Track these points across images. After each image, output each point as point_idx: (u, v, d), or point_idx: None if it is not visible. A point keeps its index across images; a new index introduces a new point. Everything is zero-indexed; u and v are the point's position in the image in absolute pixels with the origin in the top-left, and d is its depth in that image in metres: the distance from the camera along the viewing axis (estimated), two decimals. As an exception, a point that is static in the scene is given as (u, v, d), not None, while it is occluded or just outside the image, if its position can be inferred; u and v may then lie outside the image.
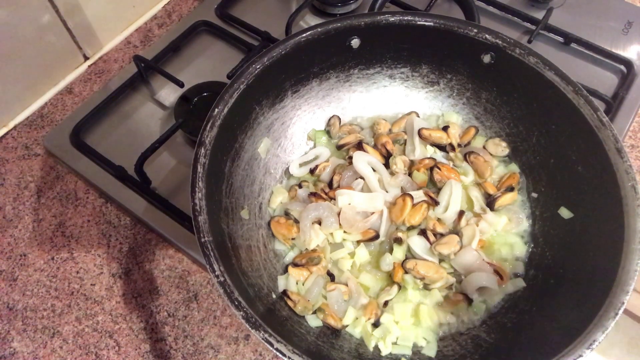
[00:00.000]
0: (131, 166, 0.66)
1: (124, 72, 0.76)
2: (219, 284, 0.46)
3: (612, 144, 0.52)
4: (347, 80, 0.67)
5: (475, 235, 0.58)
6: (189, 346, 0.59)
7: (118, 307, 0.62)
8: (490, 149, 0.65)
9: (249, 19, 0.81)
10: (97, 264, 0.64)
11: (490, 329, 0.56)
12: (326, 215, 0.58)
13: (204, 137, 0.52)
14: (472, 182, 0.63)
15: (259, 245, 0.59)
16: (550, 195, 0.61)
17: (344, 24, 0.60)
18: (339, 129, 0.67)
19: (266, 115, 0.62)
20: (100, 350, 0.59)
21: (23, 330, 0.60)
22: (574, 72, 0.56)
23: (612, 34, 0.80)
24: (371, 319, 0.55)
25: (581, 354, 0.44)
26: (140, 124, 0.73)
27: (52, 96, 0.77)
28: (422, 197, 0.60)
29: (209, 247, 0.47)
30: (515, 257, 0.60)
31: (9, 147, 0.73)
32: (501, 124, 0.65)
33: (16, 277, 0.63)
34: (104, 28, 0.80)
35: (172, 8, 0.87)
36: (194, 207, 0.49)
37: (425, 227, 0.59)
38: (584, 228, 0.55)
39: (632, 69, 0.76)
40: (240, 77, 0.56)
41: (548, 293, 0.55)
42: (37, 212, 0.68)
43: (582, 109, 0.54)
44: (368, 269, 0.59)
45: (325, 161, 0.65)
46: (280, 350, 0.44)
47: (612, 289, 0.47)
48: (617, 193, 0.51)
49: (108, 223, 0.67)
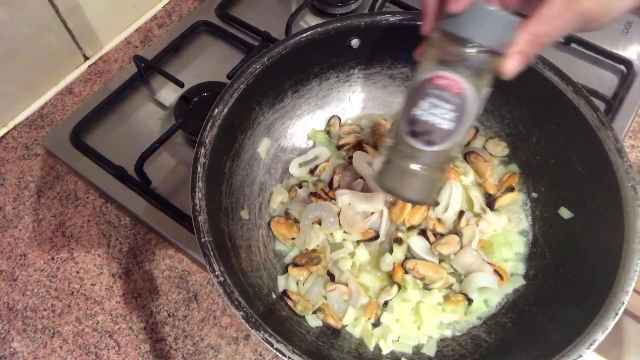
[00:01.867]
0: (131, 166, 0.66)
1: (124, 72, 0.76)
2: (219, 284, 0.46)
3: (612, 144, 0.52)
4: (347, 80, 0.67)
5: (475, 235, 0.58)
6: (189, 346, 0.59)
7: (118, 307, 0.62)
8: (490, 149, 0.65)
9: (249, 19, 0.81)
10: (97, 264, 0.64)
11: (490, 329, 0.56)
12: (326, 215, 0.58)
13: (204, 137, 0.52)
14: (472, 182, 0.63)
15: (259, 245, 0.59)
16: (550, 195, 0.61)
17: (344, 24, 0.60)
18: (339, 129, 0.67)
19: (266, 115, 0.62)
20: (100, 350, 0.59)
21: (23, 330, 0.60)
22: (574, 72, 0.56)
23: (612, 34, 0.80)
24: (371, 319, 0.55)
25: (581, 354, 0.44)
26: (140, 124, 0.73)
27: (52, 96, 0.77)
28: (422, 197, 0.59)
29: (209, 247, 0.47)
30: (515, 257, 0.60)
31: (9, 147, 0.73)
32: (501, 124, 0.65)
33: (16, 277, 0.63)
34: (104, 28, 0.80)
35: (172, 8, 0.87)
36: (194, 207, 0.49)
37: (425, 227, 0.59)
38: (584, 228, 0.56)
39: (632, 69, 0.76)
40: (240, 77, 0.56)
41: (548, 293, 0.55)
42: (37, 212, 0.68)
43: (582, 109, 0.54)
44: (368, 269, 0.59)
45: (325, 161, 0.65)
46: (280, 350, 0.44)
47: (612, 289, 0.47)
48: (617, 193, 0.51)
49: (108, 223, 0.67)
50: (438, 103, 0.40)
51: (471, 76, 0.40)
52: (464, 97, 0.40)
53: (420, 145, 0.42)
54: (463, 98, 0.40)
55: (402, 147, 0.43)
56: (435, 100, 0.40)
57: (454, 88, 0.39)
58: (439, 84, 0.40)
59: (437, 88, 0.40)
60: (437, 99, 0.40)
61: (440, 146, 0.41)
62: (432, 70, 0.41)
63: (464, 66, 0.39)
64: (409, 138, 0.42)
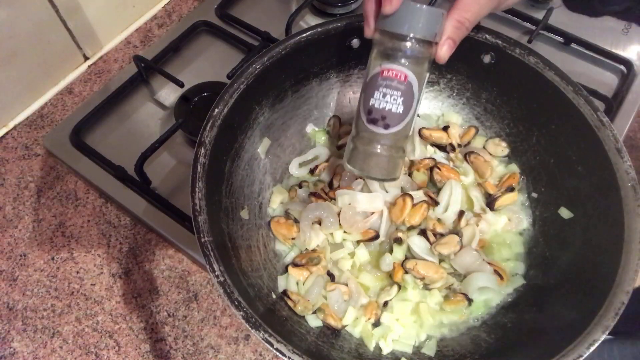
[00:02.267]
0: (131, 166, 0.66)
1: (124, 72, 0.76)
2: (219, 284, 0.46)
3: (612, 144, 0.52)
4: (347, 80, 0.67)
5: (475, 235, 0.58)
6: (189, 346, 0.59)
7: (118, 307, 0.62)
8: (490, 149, 0.65)
9: (249, 19, 0.81)
10: (97, 264, 0.64)
11: (490, 329, 0.56)
12: (326, 215, 0.58)
13: (204, 137, 0.52)
14: (472, 182, 0.63)
15: (259, 245, 0.59)
16: (550, 195, 0.61)
17: (344, 24, 0.59)
18: (339, 129, 0.67)
19: (266, 115, 0.62)
20: (100, 350, 0.59)
21: (23, 330, 0.60)
22: (574, 72, 0.56)
23: (612, 34, 0.80)
24: (371, 319, 0.55)
25: (581, 354, 0.44)
26: (140, 124, 0.73)
27: (52, 96, 0.77)
28: (422, 197, 0.59)
29: (209, 247, 0.47)
30: (515, 257, 0.60)
31: (9, 147, 0.73)
32: (501, 124, 0.65)
33: (16, 277, 0.63)
34: (104, 28, 0.80)
35: (172, 8, 0.87)
36: (194, 207, 0.49)
37: (425, 227, 0.59)
38: (584, 228, 0.55)
39: (632, 69, 0.76)
40: (240, 77, 0.56)
41: (548, 293, 0.55)
42: (37, 212, 0.68)
43: (582, 109, 0.54)
44: (368, 269, 0.59)
45: (325, 161, 0.65)
46: (280, 350, 0.44)
47: (612, 289, 0.47)
48: (617, 193, 0.51)
49: (108, 223, 0.67)
50: (388, 92, 0.47)
51: (412, 64, 0.46)
52: (408, 83, 0.47)
53: (379, 129, 0.49)
54: (408, 84, 0.47)
55: (364, 134, 0.50)
56: (385, 90, 0.47)
57: (399, 77, 0.46)
58: (386, 76, 0.47)
59: (385, 79, 0.47)
60: (387, 88, 0.47)
61: (396, 127, 0.48)
62: (379, 66, 0.47)
63: (404, 57, 0.46)
64: (369, 125, 0.49)
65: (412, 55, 0.46)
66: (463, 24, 0.43)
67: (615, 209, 0.51)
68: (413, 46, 0.45)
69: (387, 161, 0.50)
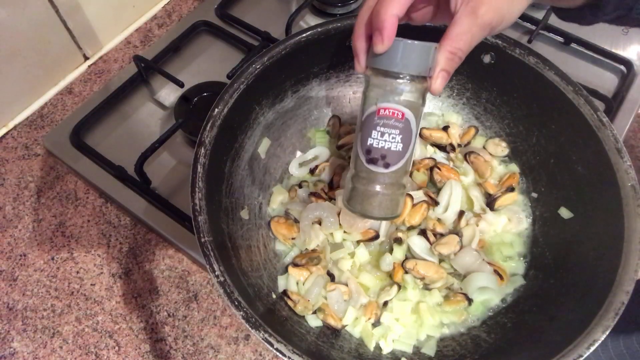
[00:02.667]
0: (131, 166, 0.66)
1: (124, 72, 0.76)
2: (219, 284, 0.46)
3: (612, 144, 0.52)
4: (347, 80, 0.67)
5: (475, 235, 0.58)
6: (189, 346, 0.59)
7: (118, 307, 0.62)
8: (490, 149, 0.65)
9: (249, 19, 0.81)
10: (97, 264, 0.64)
11: (490, 329, 0.56)
12: (326, 215, 0.58)
13: (204, 137, 0.52)
14: (472, 182, 0.63)
15: (259, 245, 0.59)
16: (550, 195, 0.61)
17: (344, 24, 0.60)
18: (339, 129, 0.67)
19: (266, 115, 0.62)
20: (100, 350, 0.59)
21: (23, 330, 0.60)
22: (574, 72, 0.56)
23: (612, 34, 0.80)
24: (371, 319, 0.55)
25: (581, 354, 0.44)
26: (140, 124, 0.73)
27: (52, 96, 0.77)
28: (422, 197, 0.60)
29: (209, 247, 0.47)
30: (515, 257, 0.60)
31: (9, 147, 0.73)
32: (501, 124, 0.65)
33: (16, 277, 0.63)
34: (104, 28, 0.80)
35: (172, 8, 0.87)
36: (194, 207, 0.49)
37: (425, 227, 0.59)
38: (584, 228, 0.55)
39: (632, 69, 0.76)
40: (240, 77, 0.56)
41: (548, 293, 0.55)
42: (37, 212, 0.68)
43: (582, 109, 0.54)
44: (368, 269, 0.59)
45: (325, 161, 0.65)
46: (280, 350, 0.44)
47: (612, 289, 0.47)
48: (617, 193, 0.51)
49: (108, 223, 0.67)
50: (386, 130, 0.46)
51: (408, 101, 0.45)
52: (406, 120, 0.46)
53: (379, 169, 0.48)
54: (405, 121, 0.46)
55: (363, 174, 0.49)
56: (383, 129, 0.46)
57: (396, 115, 0.46)
58: (383, 115, 0.46)
59: (382, 118, 0.46)
60: (385, 127, 0.46)
61: (396, 166, 0.47)
62: (374, 104, 0.46)
63: (399, 94, 0.45)
64: (369, 165, 0.48)
65: (408, 92, 0.45)
66: (456, 54, 0.42)
67: (615, 209, 0.51)
68: (408, 83, 0.45)
69: (388, 200, 0.49)
